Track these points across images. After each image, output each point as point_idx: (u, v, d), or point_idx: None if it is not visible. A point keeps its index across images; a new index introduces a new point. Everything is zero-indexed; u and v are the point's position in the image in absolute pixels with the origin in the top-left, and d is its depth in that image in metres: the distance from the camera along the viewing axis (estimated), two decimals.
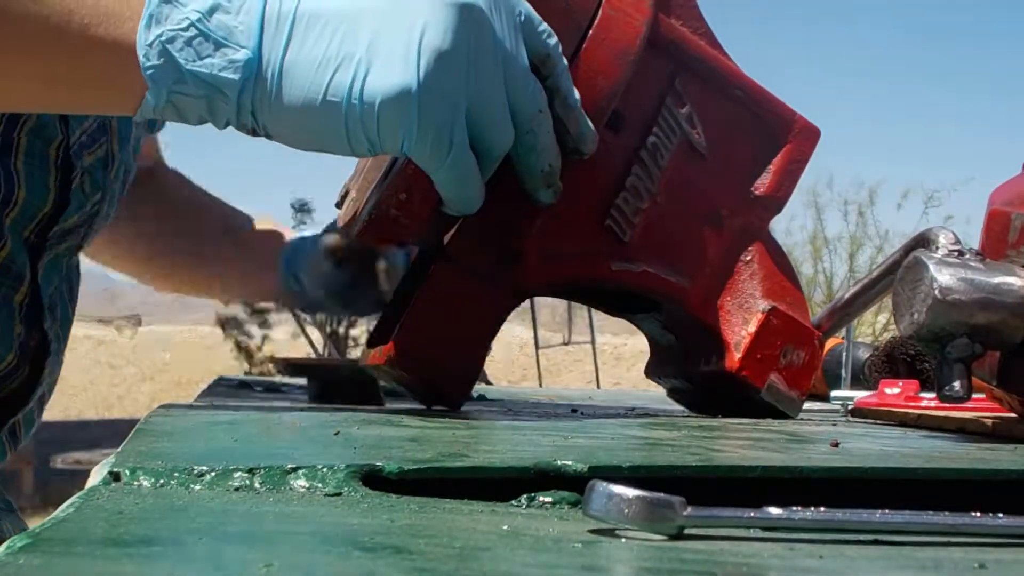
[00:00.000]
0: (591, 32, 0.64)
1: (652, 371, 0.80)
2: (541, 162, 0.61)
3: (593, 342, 8.88)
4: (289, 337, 15.67)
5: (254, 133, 0.58)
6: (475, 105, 0.57)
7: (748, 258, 0.72)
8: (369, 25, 0.55)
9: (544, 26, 0.60)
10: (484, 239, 0.65)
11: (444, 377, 0.66)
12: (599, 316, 9.52)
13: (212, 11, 0.55)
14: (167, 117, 0.57)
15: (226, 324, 11.64)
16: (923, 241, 0.63)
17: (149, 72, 0.55)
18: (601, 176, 0.68)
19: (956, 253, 0.55)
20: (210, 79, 0.55)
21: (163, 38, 0.54)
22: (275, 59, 0.55)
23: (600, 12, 0.65)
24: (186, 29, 0.54)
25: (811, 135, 0.74)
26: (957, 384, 0.53)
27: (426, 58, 0.55)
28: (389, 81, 0.55)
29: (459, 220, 0.64)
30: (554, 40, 0.61)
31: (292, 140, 0.59)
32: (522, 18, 0.59)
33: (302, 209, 10.83)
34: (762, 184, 0.73)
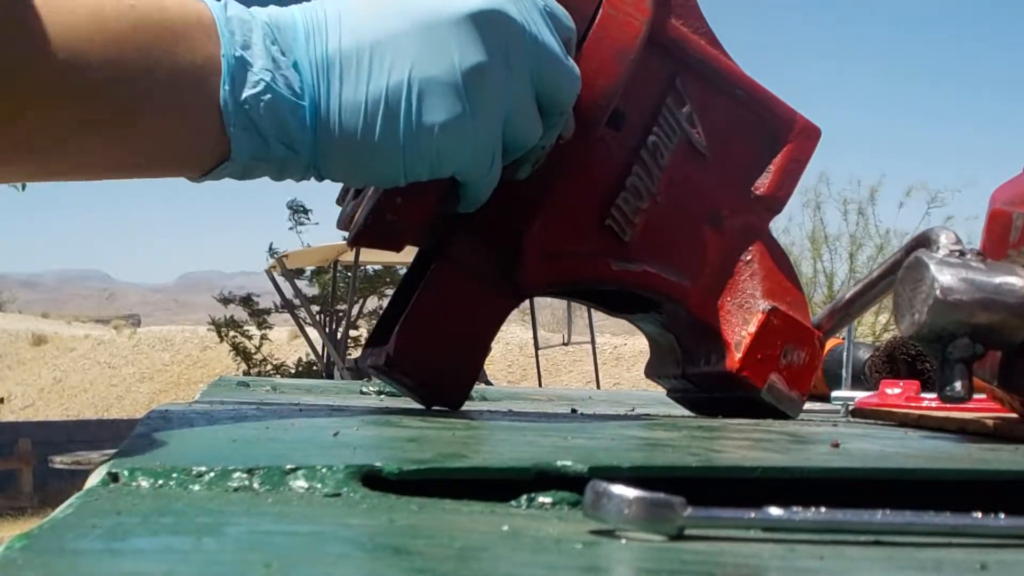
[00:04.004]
0: (591, 31, 0.64)
1: (652, 371, 0.80)
2: (550, 141, 0.61)
3: (593, 342, 8.89)
4: (288, 338, 15.68)
5: (305, 179, 0.58)
6: (510, 109, 0.57)
7: (748, 258, 0.72)
8: (406, 53, 0.55)
9: (562, 10, 0.60)
10: (484, 239, 0.65)
11: (444, 378, 0.66)
12: (599, 316, 9.53)
13: (277, 67, 0.54)
14: (227, 176, 0.57)
15: (222, 326, 11.64)
16: (924, 241, 0.63)
17: (235, 144, 0.54)
18: (601, 175, 0.68)
19: (957, 253, 0.55)
20: (287, 141, 0.54)
21: (246, 106, 0.53)
22: (332, 106, 0.54)
23: (600, 11, 0.65)
24: (264, 92, 0.53)
25: (812, 135, 0.74)
26: (958, 384, 0.53)
27: (470, 79, 0.55)
28: (443, 108, 0.55)
29: (458, 220, 0.64)
30: (572, 24, 0.61)
31: (347, 178, 0.59)
32: (543, 4, 0.59)
33: (299, 210, 10.83)
34: (762, 184, 0.73)
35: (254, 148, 0.54)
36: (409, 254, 0.71)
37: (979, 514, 0.30)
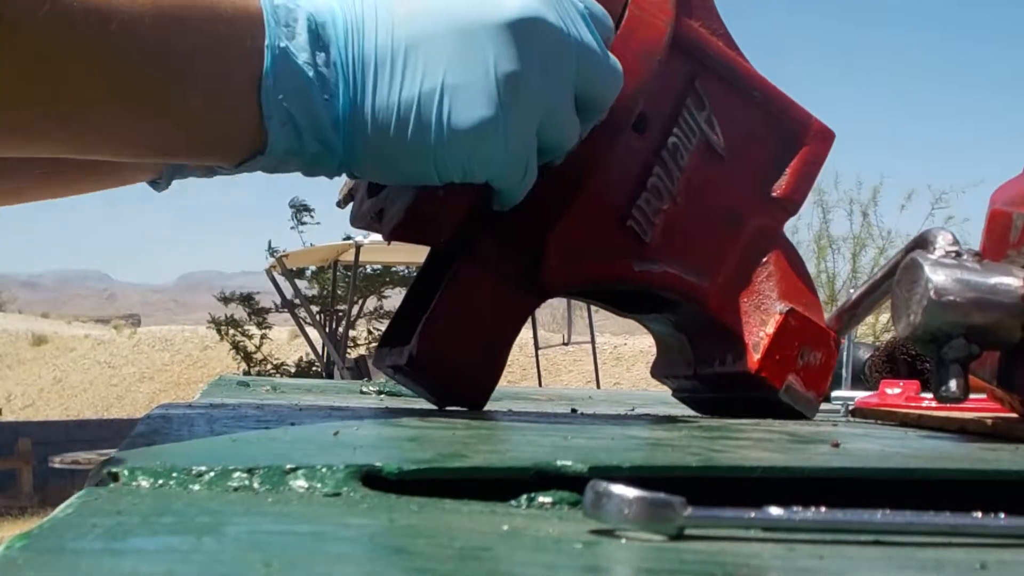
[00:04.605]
0: (618, 32, 0.64)
1: (659, 371, 0.80)
2: (586, 132, 0.61)
3: (593, 342, 8.89)
4: (288, 338, 15.67)
5: (337, 175, 0.58)
6: (547, 114, 0.57)
7: (765, 259, 0.73)
8: (441, 56, 0.54)
9: (601, 9, 0.60)
10: (507, 239, 0.65)
11: (467, 378, 0.66)
12: (599, 316, 9.53)
13: (317, 64, 0.53)
14: (259, 169, 0.56)
15: (222, 325, 11.64)
16: (922, 242, 0.63)
17: (272, 137, 0.53)
18: (623, 177, 0.68)
19: (953, 254, 0.55)
20: (321, 138, 0.54)
21: (284, 100, 0.52)
22: (365, 105, 0.54)
23: (627, 12, 0.65)
24: (304, 87, 0.52)
25: (826, 137, 0.74)
26: (953, 384, 0.53)
27: (504, 86, 0.54)
28: (475, 115, 0.54)
29: (481, 220, 0.64)
30: (611, 22, 0.61)
31: (380, 176, 0.58)
32: (582, 5, 0.59)
33: (301, 209, 10.83)
34: (779, 186, 0.73)
35: (289, 142, 0.54)
36: (411, 253, 0.71)
37: (979, 514, 0.30)
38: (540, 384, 9.36)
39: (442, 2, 0.55)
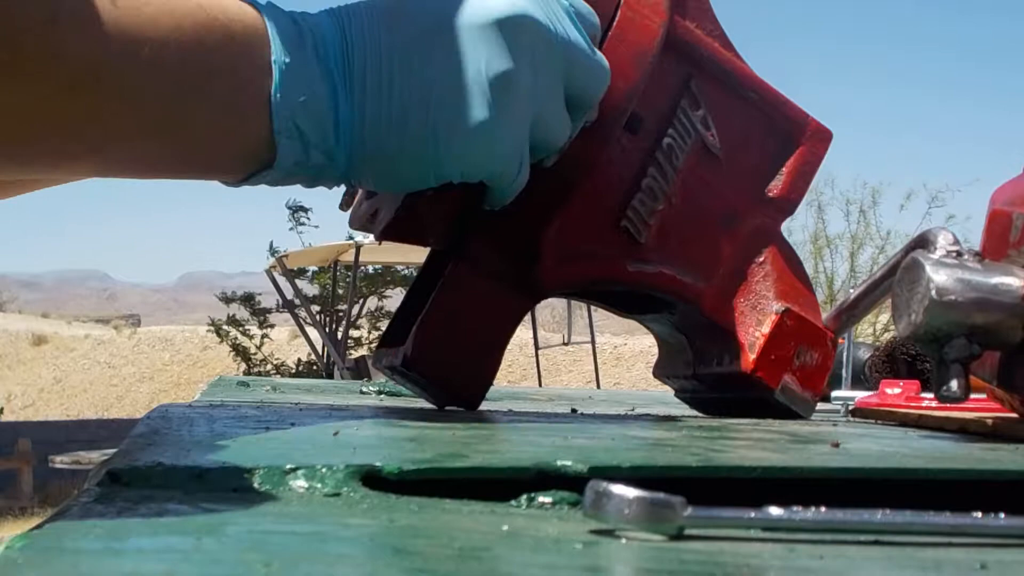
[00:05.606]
0: (610, 33, 0.65)
1: (661, 371, 0.80)
2: (576, 131, 0.61)
3: (593, 342, 8.89)
4: (288, 338, 15.67)
5: (337, 185, 0.58)
6: (538, 112, 0.57)
7: (761, 259, 0.73)
8: (431, 60, 0.54)
9: (587, 7, 0.60)
10: (501, 240, 0.65)
11: (461, 378, 0.66)
12: (599, 316, 9.53)
13: (318, 76, 0.53)
14: (264, 183, 0.56)
15: (222, 325, 11.63)
16: (923, 242, 0.63)
17: (281, 151, 0.53)
18: (617, 177, 0.68)
19: (954, 254, 0.55)
20: (326, 150, 0.54)
21: (293, 114, 0.53)
22: (362, 115, 0.54)
23: (619, 14, 0.65)
24: (309, 101, 0.53)
25: (824, 137, 0.74)
26: (954, 384, 0.53)
27: (496, 86, 0.55)
28: (468, 116, 0.55)
29: (475, 221, 0.64)
30: (597, 20, 0.61)
31: (377, 184, 0.58)
32: (568, 2, 0.59)
33: (298, 210, 10.83)
34: (775, 186, 0.73)
35: (296, 156, 0.54)
36: (411, 253, 0.71)
37: (979, 514, 0.30)
38: (540, 384, 9.35)
39: (430, 4, 0.55)
